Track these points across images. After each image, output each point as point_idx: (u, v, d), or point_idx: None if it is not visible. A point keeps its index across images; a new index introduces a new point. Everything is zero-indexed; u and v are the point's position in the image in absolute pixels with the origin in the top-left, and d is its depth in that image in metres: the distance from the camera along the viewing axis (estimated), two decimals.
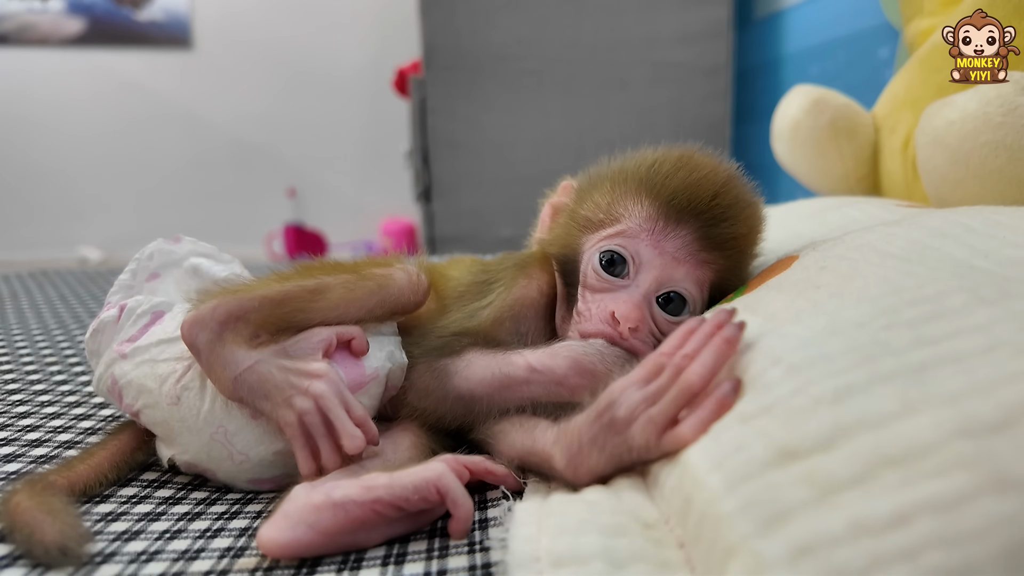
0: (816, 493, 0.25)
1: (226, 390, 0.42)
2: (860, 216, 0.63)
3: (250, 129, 3.08)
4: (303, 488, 0.38)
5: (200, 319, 0.42)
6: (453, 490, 0.37)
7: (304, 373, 0.42)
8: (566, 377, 0.43)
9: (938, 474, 0.23)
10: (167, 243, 0.55)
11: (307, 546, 0.36)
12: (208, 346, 0.42)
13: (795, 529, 0.24)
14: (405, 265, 0.48)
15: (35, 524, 0.36)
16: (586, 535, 0.31)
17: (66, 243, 3.02)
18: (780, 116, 0.97)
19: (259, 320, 0.43)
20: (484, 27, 1.67)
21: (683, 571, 0.29)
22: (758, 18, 1.79)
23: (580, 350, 0.44)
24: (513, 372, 0.44)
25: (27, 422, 0.55)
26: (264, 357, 0.42)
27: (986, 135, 0.58)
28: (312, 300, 0.45)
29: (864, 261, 0.40)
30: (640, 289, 0.46)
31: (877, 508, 0.23)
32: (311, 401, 0.41)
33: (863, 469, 0.25)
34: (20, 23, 2.91)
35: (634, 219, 0.47)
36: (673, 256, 0.46)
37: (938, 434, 0.24)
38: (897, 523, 0.22)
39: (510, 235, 0.60)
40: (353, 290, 0.46)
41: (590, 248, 0.49)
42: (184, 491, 0.45)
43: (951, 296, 0.32)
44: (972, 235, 0.42)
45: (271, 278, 0.47)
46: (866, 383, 0.29)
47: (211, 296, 0.43)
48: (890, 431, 0.26)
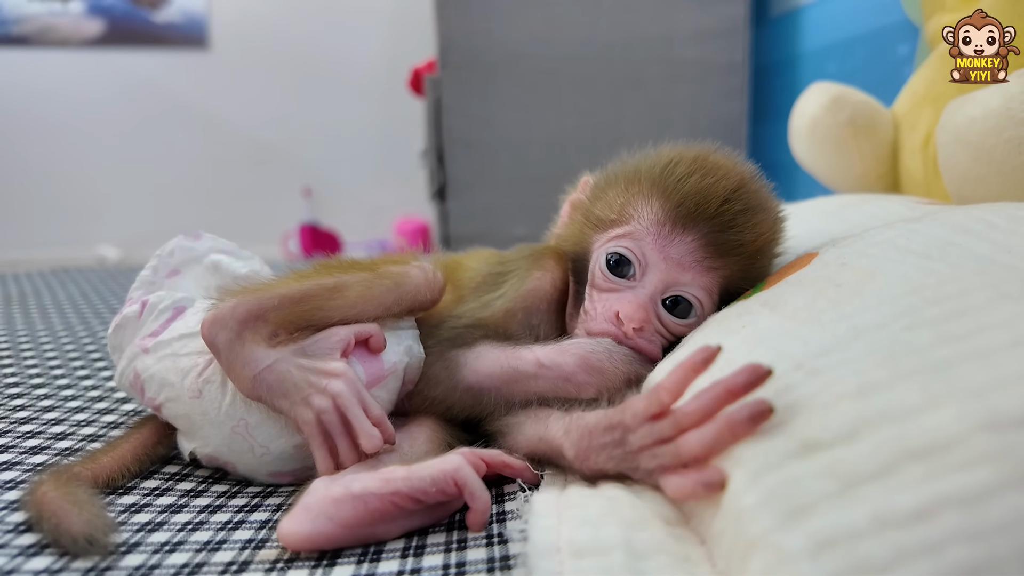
0: (839, 486, 0.25)
1: (245, 388, 0.42)
2: (880, 213, 0.62)
3: (266, 129, 3.10)
4: (323, 481, 0.38)
5: (220, 318, 0.42)
6: (471, 482, 0.38)
7: (322, 372, 0.42)
8: (574, 374, 0.44)
9: (962, 468, 0.23)
10: (188, 240, 0.55)
11: (327, 538, 0.36)
12: (227, 345, 0.42)
13: (817, 522, 0.24)
14: (421, 263, 0.49)
15: (62, 514, 0.36)
16: (607, 527, 0.31)
17: (85, 242, 3.05)
18: (798, 114, 0.96)
19: (278, 319, 0.44)
20: (499, 26, 1.67)
21: (705, 566, 0.29)
22: (775, 15, 1.78)
23: (589, 348, 0.44)
24: (521, 367, 0.45)
25: (51, 416, 0.56)
26: (283, 356, 0.43)
27: (1009, 131, 0.58)
28: (331, 298, 0.45)
29: (884, 258, 0.40)
30: (645, 291, 0.46)
31: (900, 501, 0.23)
32: (329, 400, 0.41)
33: (886, 462, 0.25)
34: (41, 25, 2.95)
35: (643, 221, 0.47)
36: (678, 262, 0.46)
37: (963, 427, 0.24)
38: (921, 517, 0.22)
39: (524, 233, 0.60)
40: (371, 288, 0.46)
41: (599, 247, 0.49)
42: (205, 484, 0.46)
43: (973, 293, 0.32)
44: (995, 231, 0.41)
45: (290, 277, 0.47)
46: (888, 380, 0.28)
47: (231, 295, 0.44)
48: (914, 424, 0.25)
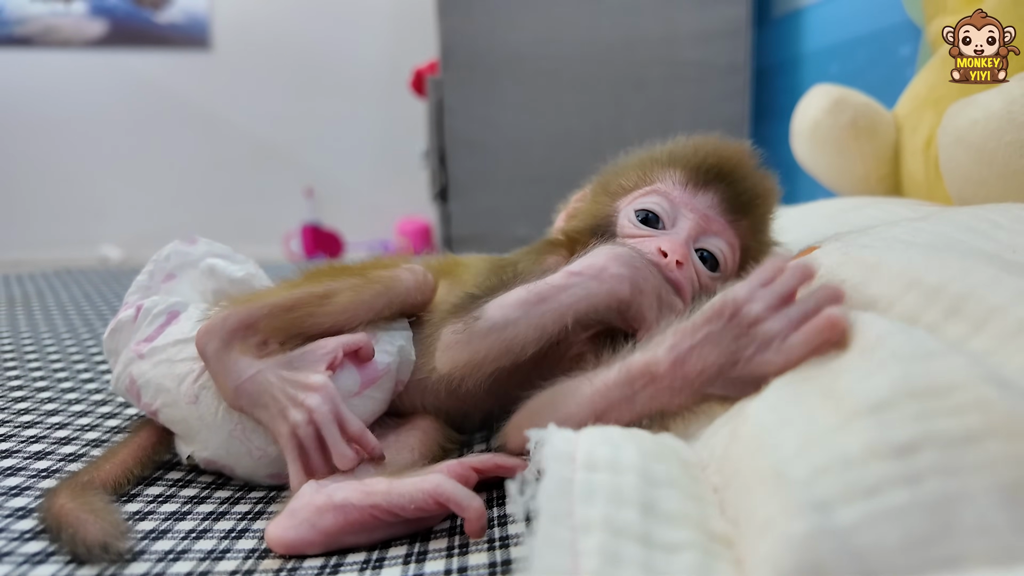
0: (842, 418, 0.26)
1: (228, 398, 0.43)
2: (881, 215, 0.63)
3: (268, 129, 3.11)
4: (310, 487, 0.39)
5: (212, 328, 0.43)
6: (454, 496, 0.37)
7: (301, 385, 0.42)
8: (605, 267, 0.41)
9: (954, 413, 0.24)
10: (183, 244, 0.56)
11: (309, 544, 0.37)
12: (215, 355, 0.42)
13: (819, 452, 0.25)
14: (411, 265, 0.49)
15: (79, 524, 0.37)
16: (627, 448, 0.30)
17: (87, 242, 3.06)
18: (800, 116, 0.96)
19: (269, 327, 0.44)
20: (501, 27, 1.67)
21: (713, 510, 0.29)
22: (777, 16, 1.77)
23: (615, 247, 0.43)
24: (551, 281, 0.42)
25: (56, 420, 0.56)
26: (267, 367, 0.43)
27: (1011, 134, 0.58)
28: (321, 305, 0.45)
29: (888, 250, 0.39)
30: (682, 234, 0.47)
31: (891, 436, 0.24)
32: (304, 414, 0.41)
33: (888, 396, 0.26)
34: (44, 25, 2.96)
35: (667, 182, 0.49)
36: (704, 213, 0.48)
37: (968, 376, 0.25)
38: (904, 451, 0.24)
39: (526, 234, 0.60)
40: (360, 293, 0.46)
41: (625, 207, 0.50)
42: (208, 490, 0.46)
43: (977, 271, 0.32)
44: (1000, 231, 0.42)
45: (281, 286, 0.47)
46: (908, 330, 0.30)
47: (224, 306, 0.44)
48: (922, 365, 0.26)
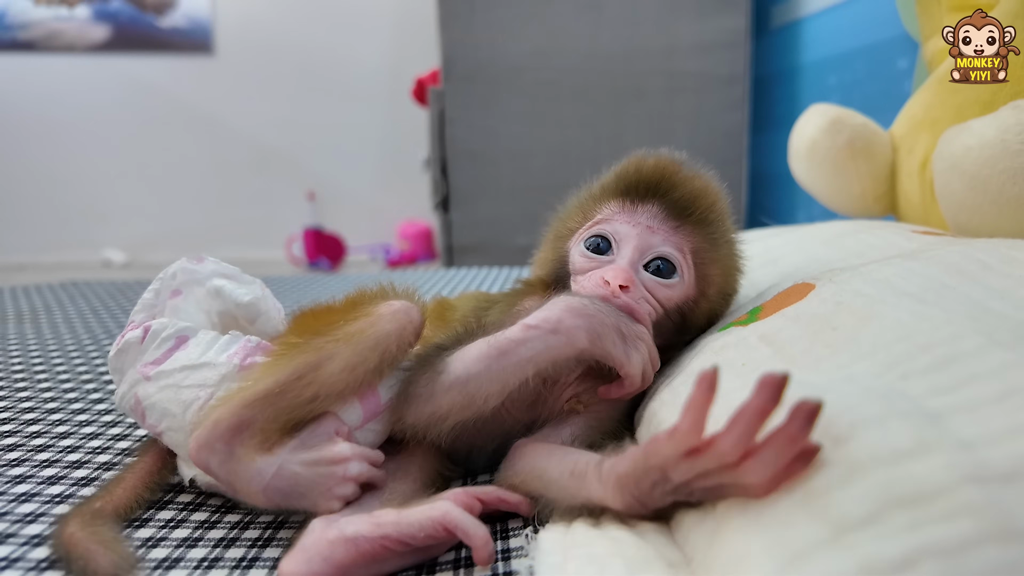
0: (831, 532, 0.26)
1: (258, 502, 0.41)
2: (878, 243, 0.64)
3: (270, 133, 3.12)
4: (320, 522, 0.40)
5: (206, 443, 0.41)
6: (462, 523, 0.38)
7: (330, 461, 0.42)
8: (561, 320, 0.43)
9: (945, 519, 0.24)
10: (190, 263, 0.56)
11: None
12: (221, 467, 0.41)
13: (810, 569, 0.25)
14: (391, 305, 0.46)
15: (89, 555, 0.38)
16: (612, 567, 0.32)
17: (91, 245, 3.08)
18: (797, 135, 0.98)
19: (265, 421, 0.42)
20: (502, 38, 1.68)
21: None
22: (775, 27, 1.79)
23: (570, 299, 0.45)
24: (509, 335, 0.43)
25: (67, 443, 0.57)
26: (284, 459, 0.41)
27: (1004, 162, 0.59)
28: (313, 381, 0.42)
29: (880, 300, 0.41)
30: (624, 258, 0.50)
31: (886, 550, 0.24)
32: (352, 485, 0.42)
33: (875, 509, 0.25)
34: (47, 30, 2.97)
35: (607, 210, 0.53)
36: (647, 226, 0.51)
37: (949, 477, 0.25)
38: (904, 565, 0.23)
39: (527, 244, 0.61)
40: (352, 356, 0.43)
41: (575, 244, 0.53)
42: (218, 514, 0.47)
43: (966, 339, 0.33)
44: (989, 273, 0.42)
45: (259, 370, 0.44)
46: (881, 417, 0.29)
47: (210, 411, 0.42)
48: (903, 469, 0.26)
